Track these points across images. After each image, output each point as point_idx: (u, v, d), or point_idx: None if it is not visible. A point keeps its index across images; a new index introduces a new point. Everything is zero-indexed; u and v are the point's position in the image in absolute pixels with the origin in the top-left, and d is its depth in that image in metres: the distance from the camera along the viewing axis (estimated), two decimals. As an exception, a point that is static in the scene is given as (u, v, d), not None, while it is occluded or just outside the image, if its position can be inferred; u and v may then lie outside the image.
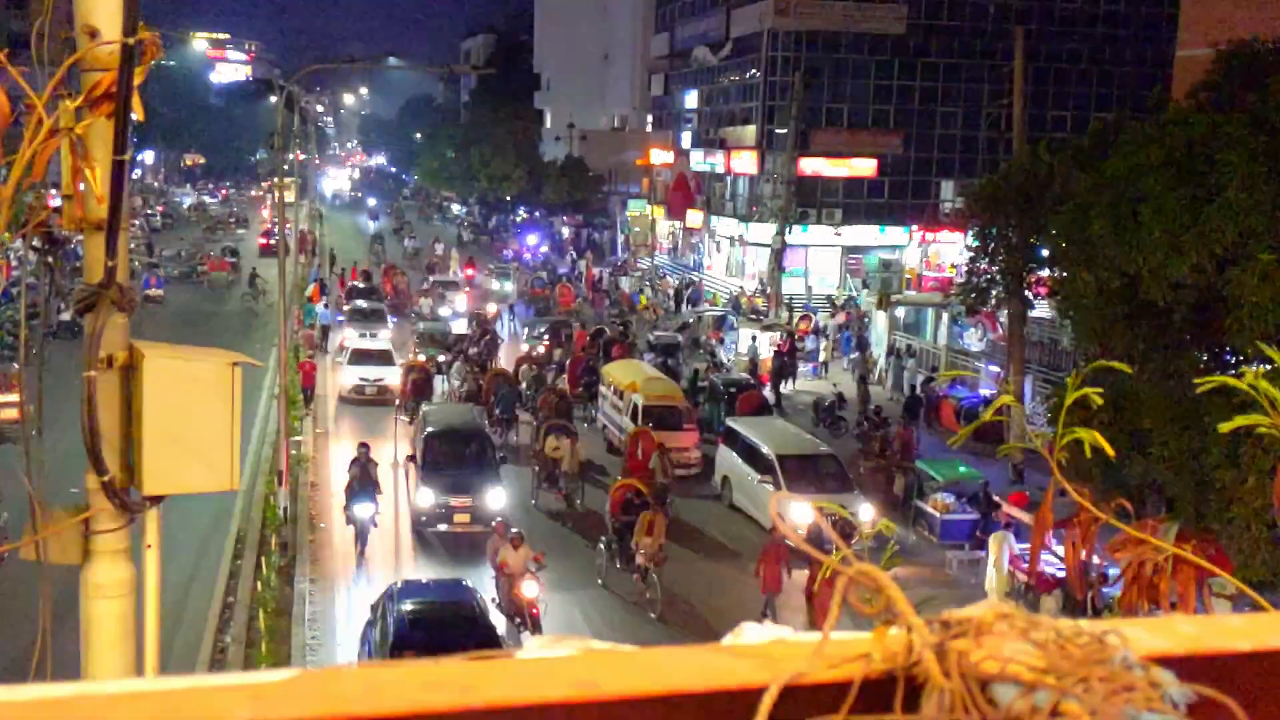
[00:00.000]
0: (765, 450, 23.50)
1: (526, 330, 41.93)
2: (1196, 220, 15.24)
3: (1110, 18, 55.48)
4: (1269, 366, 15.42)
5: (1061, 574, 17.31)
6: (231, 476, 5.15)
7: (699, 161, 63.26)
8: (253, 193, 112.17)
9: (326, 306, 43.95)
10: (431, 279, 51.87)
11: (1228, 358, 17.25)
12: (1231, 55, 18.33)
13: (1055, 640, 0.85)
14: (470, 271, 60.58)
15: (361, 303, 43.97)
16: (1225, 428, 2.76)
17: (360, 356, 34.21)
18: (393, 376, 32.46)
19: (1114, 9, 55.34)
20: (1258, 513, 13.83)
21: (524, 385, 31.40)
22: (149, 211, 73.70)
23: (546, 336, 39.26)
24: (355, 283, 49.27)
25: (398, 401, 30.73)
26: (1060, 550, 14.90)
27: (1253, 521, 13.92)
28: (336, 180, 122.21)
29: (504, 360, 36.18)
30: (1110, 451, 2.75)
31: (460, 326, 40.63)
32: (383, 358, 34.02)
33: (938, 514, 22.27)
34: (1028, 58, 34.99)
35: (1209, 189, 15.31)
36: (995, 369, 32.99)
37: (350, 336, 38.09)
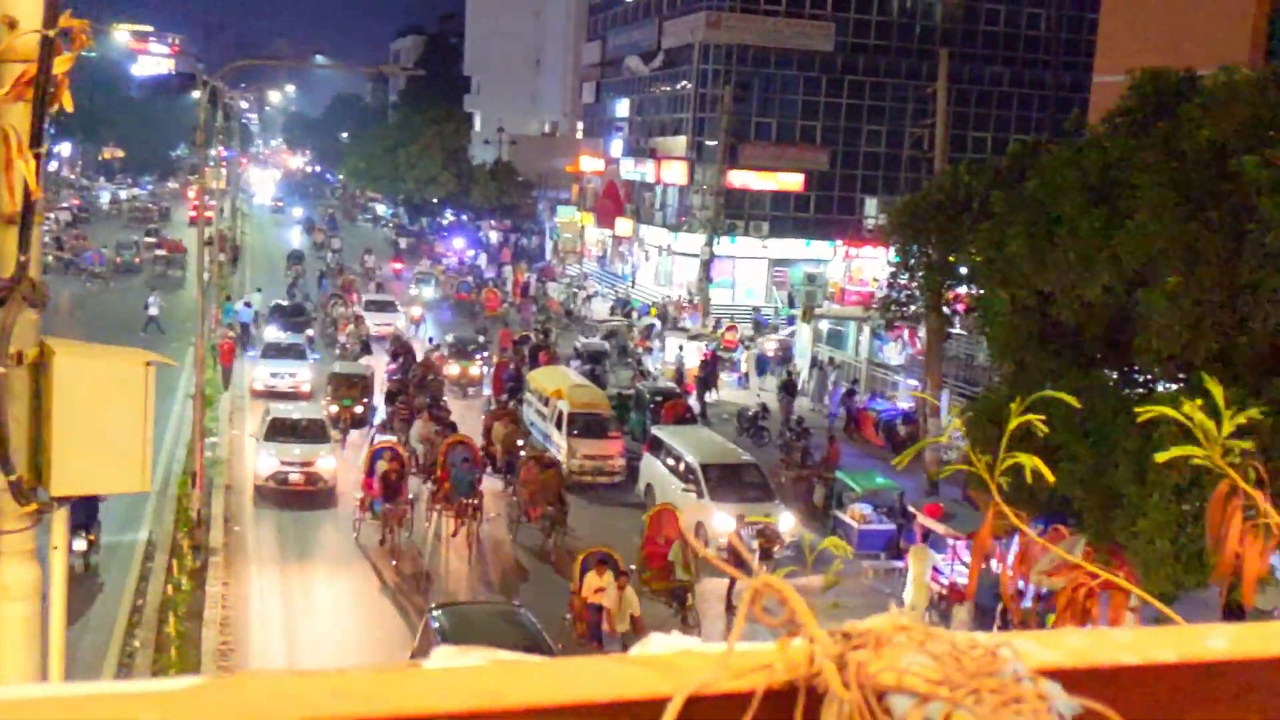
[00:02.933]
0: (689, 459, 23.59)
1: (436, 342, 36.89)
2: (1108, 242, 15.64)
3: (1031, 43, 56.75)
4: (1175, 387, 15.89)
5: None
6: (143, 477, 5.06)
7: (629, 170, 63.41)
8: (172, 184, 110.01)
9: (248, 305, 41.30)
10: (352, 306, 42.44)
11: (1136, 376, 17.72)
12: (1145, 83, 18.84)
13: (951, 652, 0.88)
14: (399, 265, 60.19)
15: (279, 332, 36.23)
16: (1162, 458, 2.83)
17: (279, 431, 24.33)
18: (327, 460, 24.06)
19: (1035, 35, 56.61)
20: (1161, 528, 14.21)
21: (496, 449, 25.37)
22: (65, 205, 71.86)
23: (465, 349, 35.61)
24: (279, 300, 42.61)
25: (360, 500, 22.19)
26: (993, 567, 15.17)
27: (1157, 536, 14.30)
28: (261, 179, 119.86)
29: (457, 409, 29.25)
30: (1051, 478, 2.81)
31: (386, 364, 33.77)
32: (312, 433, 24.71)
33: (855, 524, 22.54)
34: (951, 80, 35.67)
35: (1121, 212, 15.73)
36: (914, 383, 33.52)
37: (260, 374, 32.09)
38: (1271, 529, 2.49)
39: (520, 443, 25.20)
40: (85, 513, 17.25)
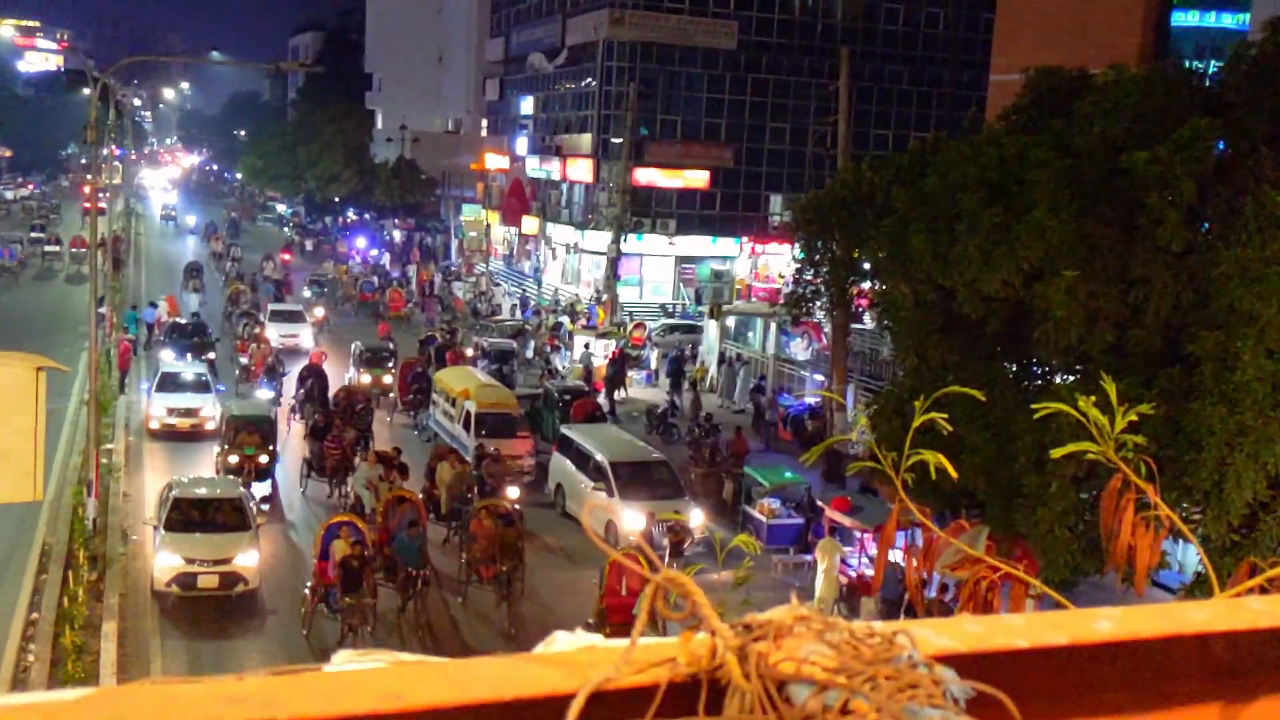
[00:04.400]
0: (599, 457, 23.61)
1: (355, 355, 34.39)
2: (1007, 237, 16.01)
3: (930, 42, 57.87)
4: (1073, 379, 16.34)
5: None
6: (35, 486, 4.90)
7: (535, 168, 63.18)
8: (63, 183, 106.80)
9: (154, 305, 40.22)
10: (252, 324, 37.74)
11: (1036, 369, 18.17)
12: (1039, 81, 19.34)
13: (849, 641, 0.89)
14: (286, 257, 58.91)
15: (174, 363, 31.07)
16: (1058, 453, 2.91)
17: (184, 518, 19.06)
18: (248, 552, 18.68)
19: (934, 33, 57.74)
20: (1060, 516, 14.61)
21: (440, 493, 22.32)
22: None
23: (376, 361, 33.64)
24: (175, 318, 38.74)
25: (310, 589, 17.95)
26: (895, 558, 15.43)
27: (1055, 525, 14.69)
28: (155, 178, 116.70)
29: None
30: (954, 474, 2.86)
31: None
32: (228, 519, 19.19)
33: (764, 519, 22.77)
34: (853, 78, 36.18)
35: (1019, 208, 16.12)
36: (820, 378, 33.95)
37: (157, 411, 27.85)
38: (1162, 520, 2.58)
39: (469, 488, 22.24)
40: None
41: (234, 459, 23.24)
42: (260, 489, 23.01)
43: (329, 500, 23.77)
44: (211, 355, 34.45)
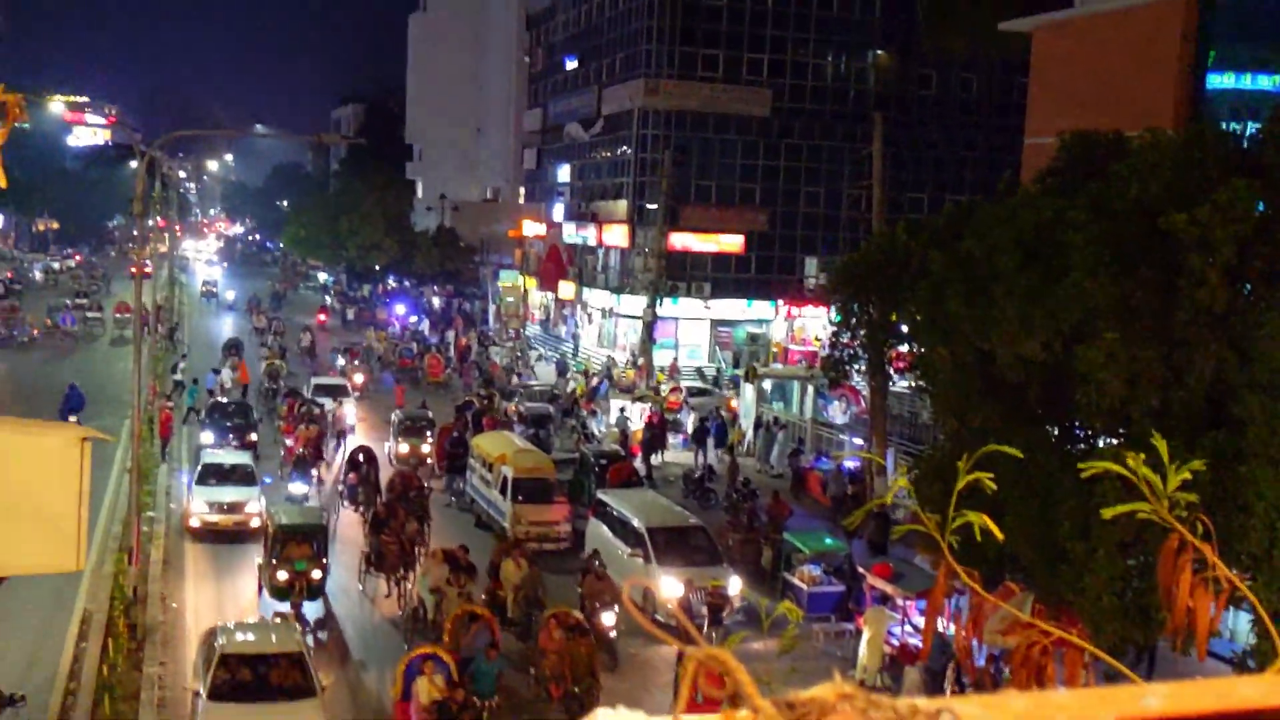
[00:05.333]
0: (635, 523, 23.47)
1: (396, 423, 33.90)
2: (1045, 300, 15.93)
3: (963, 106, 58.13)
4: (1116, 442, 16.13)
5: (920, 646, 17.65)
6: (78, 557, 4.93)
7: (571, 234, 63.74)
8: (111, 254, 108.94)
9: (216, 371, 41.00)
10: (307, 406, 34.29)
11: (1078, 431, 17.96)
12: (1074, 144, 19.35)
13: (893, 719, 0.88)
14: (322, 318, 58.77)
15: (216, 452, 28.80)
16: (1108, 513, 2.86)
17: (234, 680, 15.88)
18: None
19: (967, 98, 58.01)
20: (1108, 583, 14.34)
21: (506, 595, 20.44)
22: None
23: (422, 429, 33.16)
24: (219, 398, 36.92)
25: None
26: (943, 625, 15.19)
27: (1103, 593, 14.42)
28: (199, 249, 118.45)
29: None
30: (999, 535, 2.82)
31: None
32: (289, 683, 16.01)
33: (805, 586, 22.50)
34: (886, 142, 36.39)
35: (1056, 270, 16.05)
36: (859, 441, 33.72)
37: (198, 507, 25.44)
38: (1221, 582, 2.51)
39: (539, 591, 20.31)
40: None
41: (283, 574, 20.61)
42: (312, 609, 20.87)
43: (387, 598, 22.03)
44: (253, 437, 32.62)
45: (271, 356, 44.92)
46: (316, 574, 20.97)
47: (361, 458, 28.24)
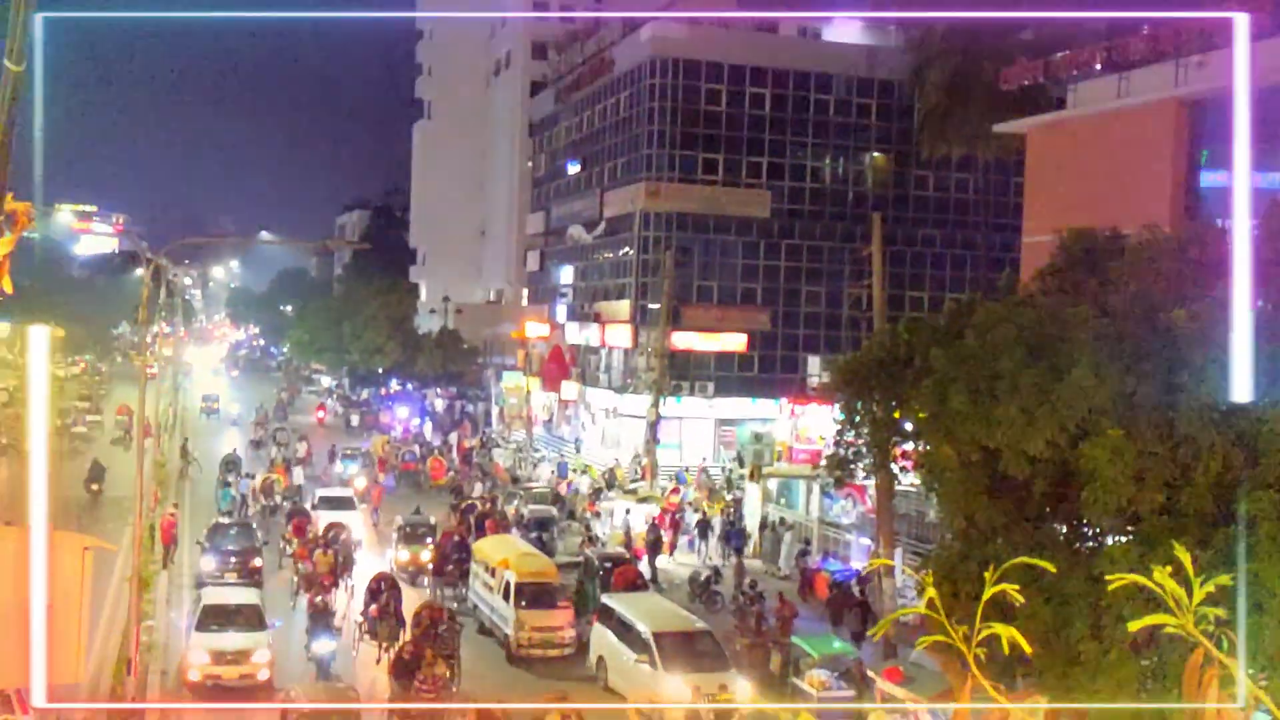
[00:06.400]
0: (641, 628, 23.13)
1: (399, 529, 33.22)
2: (1049, 397, 15.89)
3: (960, 205, 58.81)
4: (1124, 540, 15.95)
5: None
6: (77, 668, 4.84)
7: (574, 334, 64.03)
8: (117, 360, 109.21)
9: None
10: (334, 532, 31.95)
11: (1086, 531, 17.76)
12: (1072, 242, 19.51)
13: None
14: (321, 414, 57.64)
15: (218, 590, 26.33)
16: (1134, 626, 2.81)
17: None
18: None
19: (964, 198, 58.72)
20: (1120, 685, 14.06)
21: None
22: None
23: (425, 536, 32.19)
24: (220, 519, 34.29)
25: None
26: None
27: (1118, 694, 14.13)
28: (202, 356, 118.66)
29: None
30: (1028, 649, 2.76)
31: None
32: None
33: (814, 691, 22.09)
34: (885, 242, 36.70)
35: (1059, 367, 16.04)
36: (866, 541, 33.39)
37: (197, 656, 22.89)
38: (1249, 701, 2.45)
39: None
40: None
41: None
42: None
43: None
44: (258, 562, 30.49)
45: (270, 472, 43.14)
46: None
47: (382, 586, 26.04)
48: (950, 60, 48.16)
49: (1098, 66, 33.10)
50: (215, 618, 23.62)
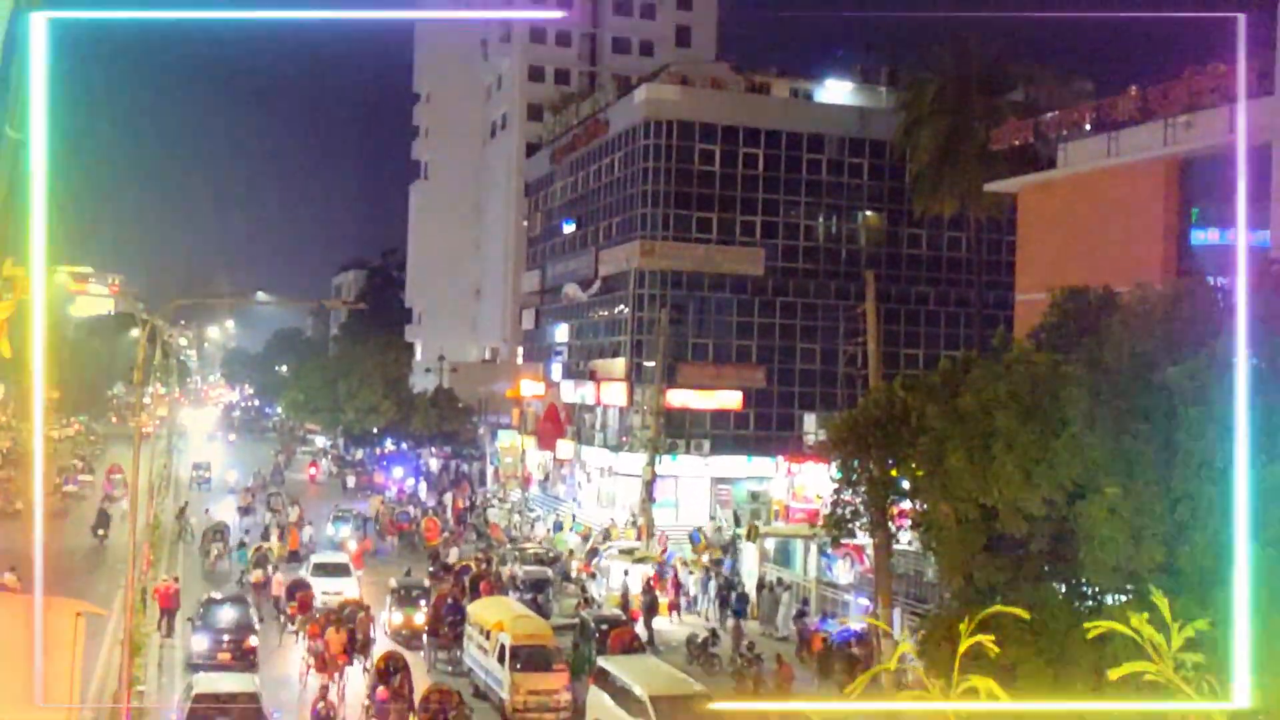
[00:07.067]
0: (638, 691, 22.87)
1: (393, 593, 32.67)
2: (1045, 454, 15.88)
3: (953, 264, 59.13)
4: (1124, 599, 15.86)
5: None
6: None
7: (569, 393, 63.96)
8: (112, 420, 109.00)
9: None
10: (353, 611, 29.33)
11: (1085, 588, 17.66)
12: (1066, 300, 19.60)
13: None
14: (313, 471, 56.74)
15: (210, 677, 24.17)
16: (1116, 673, 2.80)
17: None
18: None
19: (956, 256, 59.05)
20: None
21: None
22: None
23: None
24: (213, 594, 31.66)
25: None
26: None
27: (1121, 754, 13.98)
28: (196, 418, 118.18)
29: None
30: (1005, 697, 2.75)
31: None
32: None
33: (813, 753, 21.78)
34: (879, 299, 36.86)
35: (1055, 424, 16.05)
36: (864, 601, 33.13)
37: None
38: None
39: None
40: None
41: None
42: None
43: None
44: (253, 641, 28.81)
45: (263, 541, 41.70)
46: None
47: (392, 666, 24.73)
48: (941, 120, 48.69)
49: (1087, 126, 33.47)
50: (208, 707, 21.80)
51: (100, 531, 44.17)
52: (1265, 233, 25.86)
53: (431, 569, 39.49)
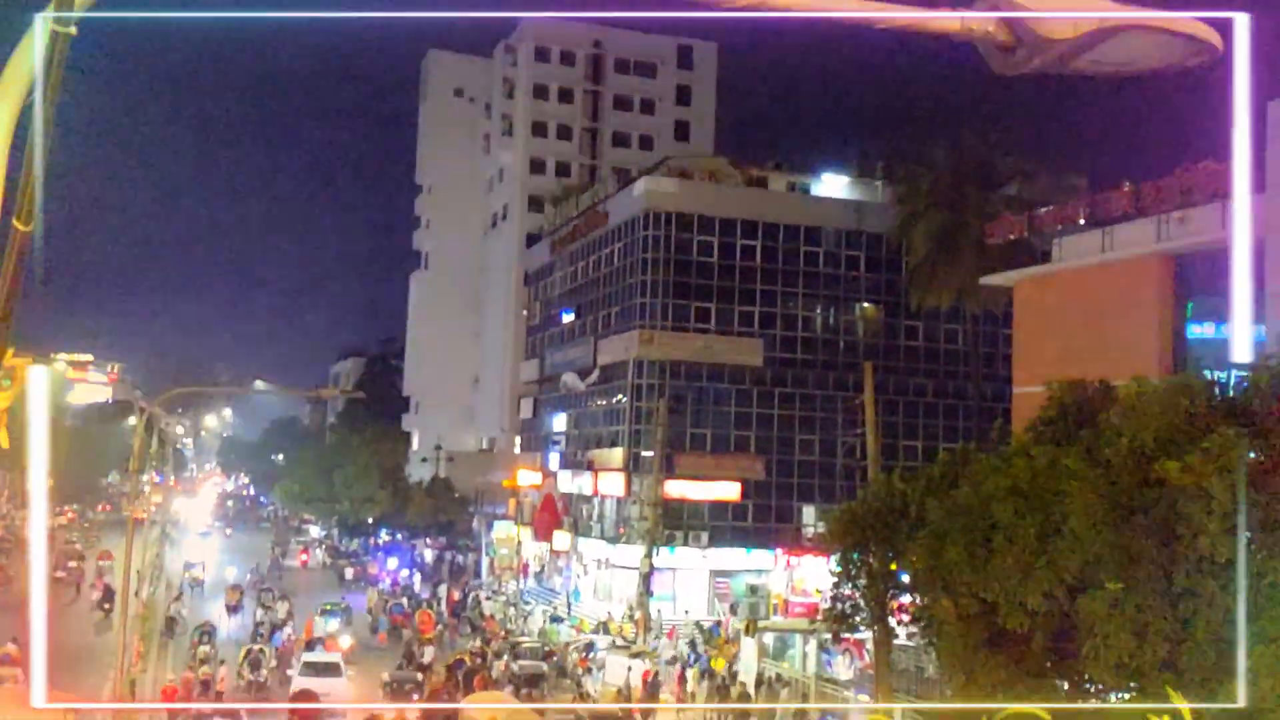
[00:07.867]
0: (633, 788, 22.42)
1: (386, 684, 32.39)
2: (1045, 548, 15.76)
3: (950, 356, 59.38)
4: (1129, 696, 15.62)
5: None
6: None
7: (567, 483, 63.67)
8: (104, 508, 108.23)
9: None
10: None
11: (1088, 686, 17.40)
12: (1063, 393, 19.61)
13: None
14: (304, 558, 55.33)
15: None
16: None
17: None
18: None
19: (954, 349, 59.32)
20: None
21: None
22: None
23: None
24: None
25: None
26: None
27: None
28: (191, 508, 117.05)
29: None
30: None
31: None
32: None
33: None
34: (877, 391, 36.95)
35: (1054, 518, 15.95)
36: (865, 698, 32.60)
37: None
38: None
39: None
40: None
41: None
42: None
43: None
44: None
45: (254, 643, 40.29)
46: None
47: None
48: (936, 215, 49.29)
49: (1081, 221, 33.87)
50: None
51: (105, 605, 45.64)
52: (1261, 327, 26.01)
53: (398, 664, 37.29)
